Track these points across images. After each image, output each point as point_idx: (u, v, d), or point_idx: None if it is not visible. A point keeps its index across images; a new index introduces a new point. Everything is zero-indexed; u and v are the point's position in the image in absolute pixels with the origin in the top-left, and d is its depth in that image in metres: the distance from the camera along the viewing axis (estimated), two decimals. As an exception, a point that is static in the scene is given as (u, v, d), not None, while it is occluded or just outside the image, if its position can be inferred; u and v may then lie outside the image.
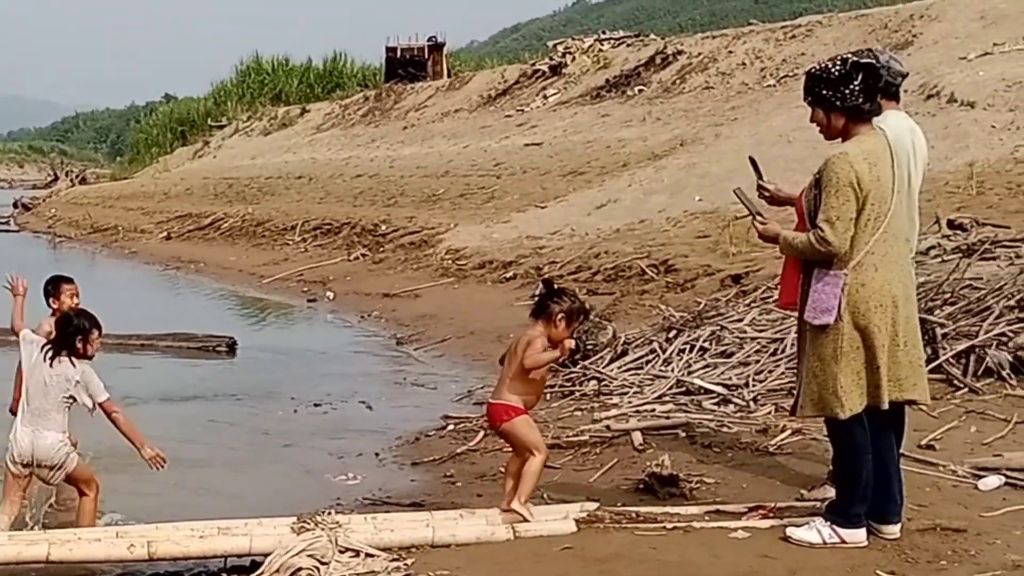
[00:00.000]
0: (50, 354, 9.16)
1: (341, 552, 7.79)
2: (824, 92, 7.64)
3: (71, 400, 9.10)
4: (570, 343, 8.71)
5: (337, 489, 10.79)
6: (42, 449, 9.02)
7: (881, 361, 7.45)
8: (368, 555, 7.80)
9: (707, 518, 8.31)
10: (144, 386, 16.11)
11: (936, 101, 25.08)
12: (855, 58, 7.67)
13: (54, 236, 47.68)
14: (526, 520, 8.28)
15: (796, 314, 7.98)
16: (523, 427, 8.48)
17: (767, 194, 8.40)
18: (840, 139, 7.65)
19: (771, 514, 8.21)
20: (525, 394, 8.49)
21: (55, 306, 10.76)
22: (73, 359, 9.15)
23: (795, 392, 7.99)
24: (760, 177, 8.44)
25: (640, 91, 41.06)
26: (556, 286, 8.83)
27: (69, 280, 10.90)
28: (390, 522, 8.39)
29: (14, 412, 9.47)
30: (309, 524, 8.03)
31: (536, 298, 8.70)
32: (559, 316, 8.36)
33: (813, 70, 7.87)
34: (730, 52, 39.63)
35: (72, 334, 9.22)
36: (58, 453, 9.05)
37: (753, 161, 8.65)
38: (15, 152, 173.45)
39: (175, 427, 13.69)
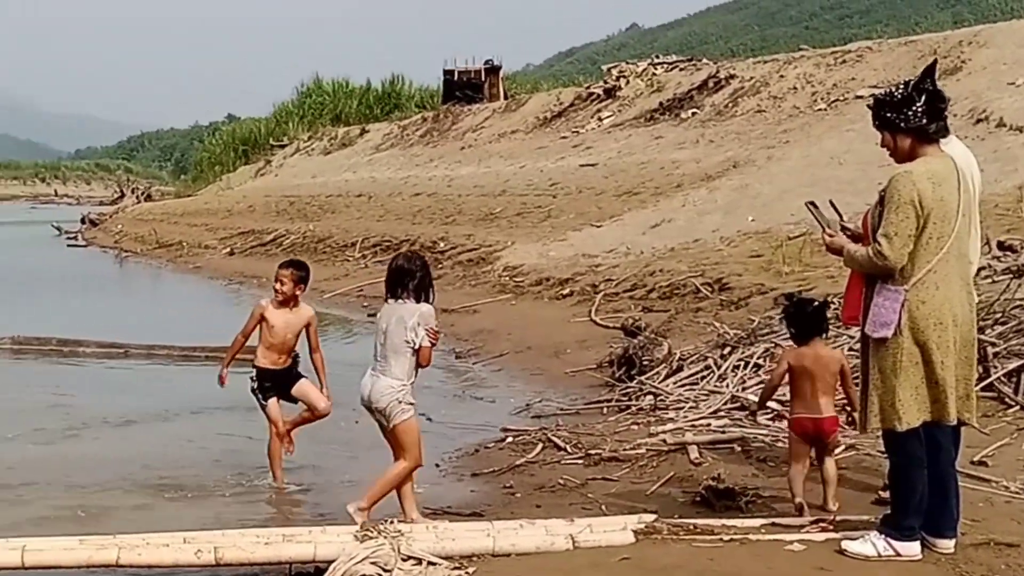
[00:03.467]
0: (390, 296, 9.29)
1: (404, 560, 7.85)
2: (889, 115, 7.71)
3: (410, 345, 9.17)
4: None
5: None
6: (375, 391, 9.19)
7: (941, 377, 7.51)
8: (430, 563, 7.87)
9: (763, 531, 8.36)
10: (211, 396, 16.33)
11: (985, 125, 25.13)
12: (917, 81, 7.73)
13: (120, 251, 48.17)
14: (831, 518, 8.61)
15: (858, 329, 8.07)
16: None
17: (848, 234, 8.36)
18: (909, 161, 7.67)
19: (830, 527, 8.29)
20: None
21: (276, 287, 11.37)
22: (414, 300, 9.24)
23: (859, 407, 8.02)
24: (841, 218, 8.47)
25: (693, 114, 41.01)
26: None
27: (285, 266, 11.61)
28: (451, 531, 8.43)
29: None
30: (372, 532, 8.10)
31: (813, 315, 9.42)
32: None
33: (878, 95, 7.94)
34: (781, 76, 39.56)
35: (412, 276, 9.32)
36: (384, 397, 9.18)
37: (833, 204, 8.71)
38: (82, 169, 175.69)
39: (242, 436, 13.94)
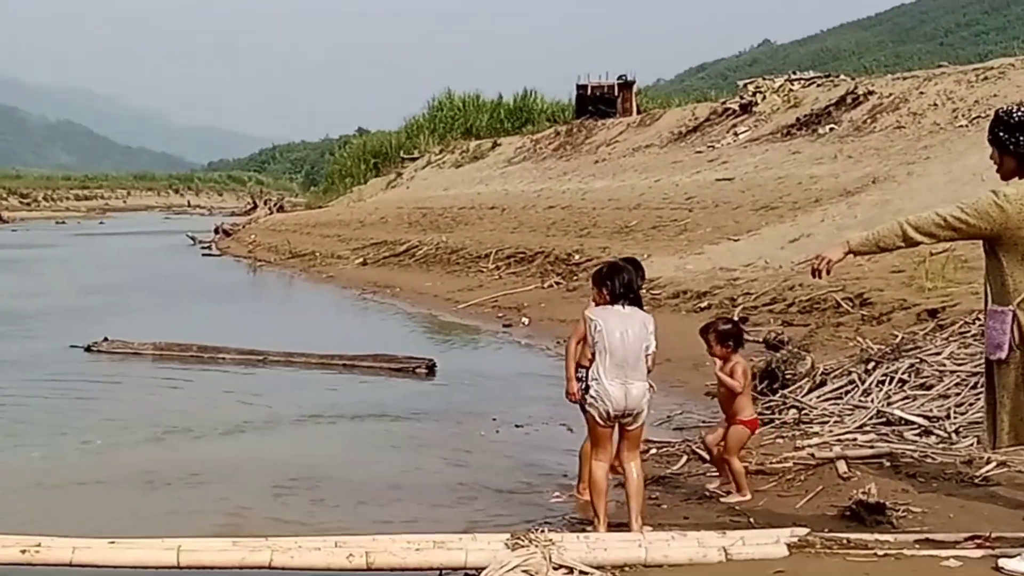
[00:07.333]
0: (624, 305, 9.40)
1: (555, 569, 7.83)
2: (1001, 134, 7.83)
3: (646, 350, 9.31)
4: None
5: (543, 508, 10.93)
6: (635, 397, 9.25)
7: None
8: (582, 572, 7.86)
9: (917, 546, 8.25)
10: (349, 405, 16.53)
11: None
12: None
13: (254, 260, 48.85)
14: None
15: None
16: None
17: None
18: (1016, 179, 7.77)
19: (986, 544, 8.16)
20: None
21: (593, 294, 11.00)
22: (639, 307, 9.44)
23: (988, 425, 8.04)
24: None
25: (831, 129, 40.79)
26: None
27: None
28: (603, 541, 8.42)
29: None
30: (523, 541, 8.08)
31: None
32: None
33: (1000, 111, 8.02)
34: (921, 93, 39.21)
35: (638, 284, 9.72)
36: (644, 401, 9.32)
37: None
38: (215, 181, 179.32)
39: (383, 444, 14.07)
